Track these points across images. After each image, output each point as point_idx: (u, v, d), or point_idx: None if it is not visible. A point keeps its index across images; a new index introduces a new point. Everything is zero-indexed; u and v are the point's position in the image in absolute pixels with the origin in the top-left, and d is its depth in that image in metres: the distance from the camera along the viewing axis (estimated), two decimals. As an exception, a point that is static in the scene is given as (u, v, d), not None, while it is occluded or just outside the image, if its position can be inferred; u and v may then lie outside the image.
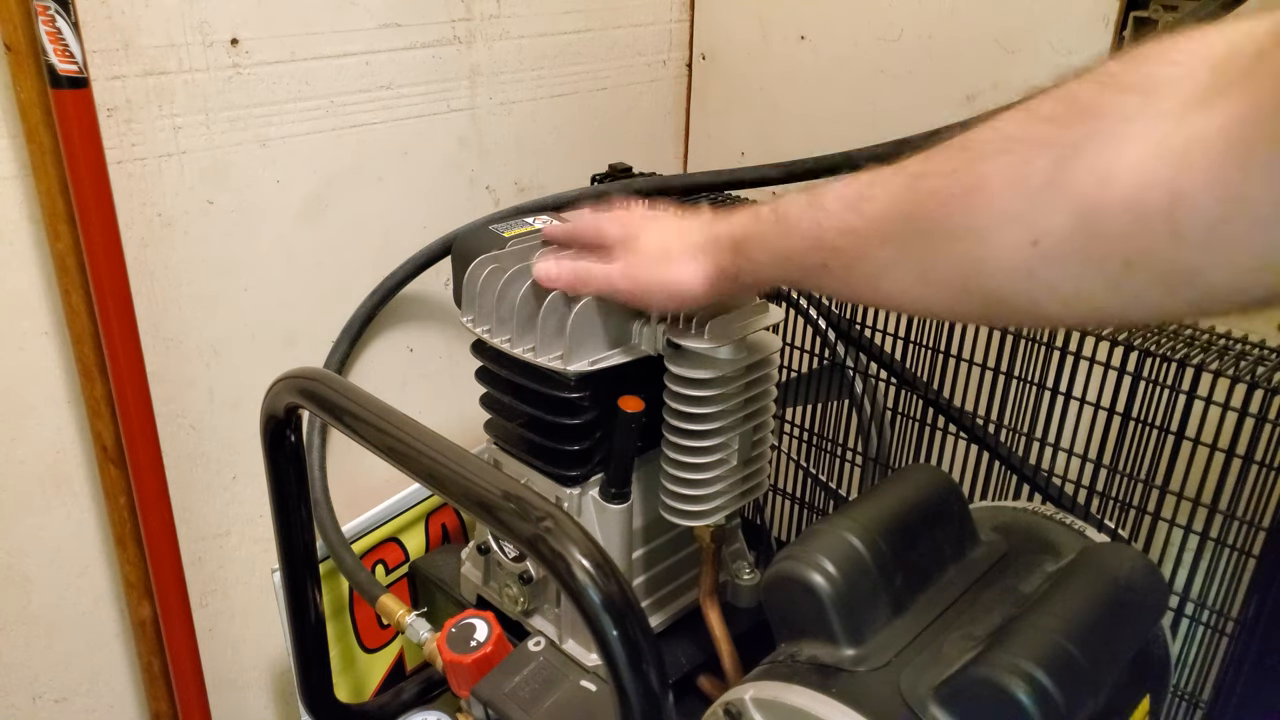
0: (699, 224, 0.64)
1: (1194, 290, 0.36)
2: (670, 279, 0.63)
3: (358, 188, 1.02)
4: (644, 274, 0.65)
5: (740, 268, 0.60)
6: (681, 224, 0.66)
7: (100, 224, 0.80)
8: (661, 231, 0.66)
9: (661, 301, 0.66)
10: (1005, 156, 0.41)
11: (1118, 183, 0.36)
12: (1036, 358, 0.78)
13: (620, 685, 0.50)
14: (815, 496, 0.98)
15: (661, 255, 0.64)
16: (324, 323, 1.04)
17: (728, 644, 0.79)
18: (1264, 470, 0.69)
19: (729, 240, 0.60)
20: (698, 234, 0.63)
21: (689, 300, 0.64)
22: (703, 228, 0.63)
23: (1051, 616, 0.56)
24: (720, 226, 0.61)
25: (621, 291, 0.67)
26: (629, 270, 0.66)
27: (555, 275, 0.69)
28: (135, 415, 0.87)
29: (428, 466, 0.59)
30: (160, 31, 0.84)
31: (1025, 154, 0.40)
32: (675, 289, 0.63)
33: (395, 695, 0.97)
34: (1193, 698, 0.76)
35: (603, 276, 0.67)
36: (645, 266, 0.65)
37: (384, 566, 1.08)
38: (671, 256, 0.63)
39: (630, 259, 0.66)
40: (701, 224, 0.64)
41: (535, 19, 1.12)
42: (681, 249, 0.63)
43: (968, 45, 1.01)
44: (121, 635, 0.98)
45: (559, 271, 0.69)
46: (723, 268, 0.61)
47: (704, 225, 0.63)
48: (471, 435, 0.85)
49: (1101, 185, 0.37)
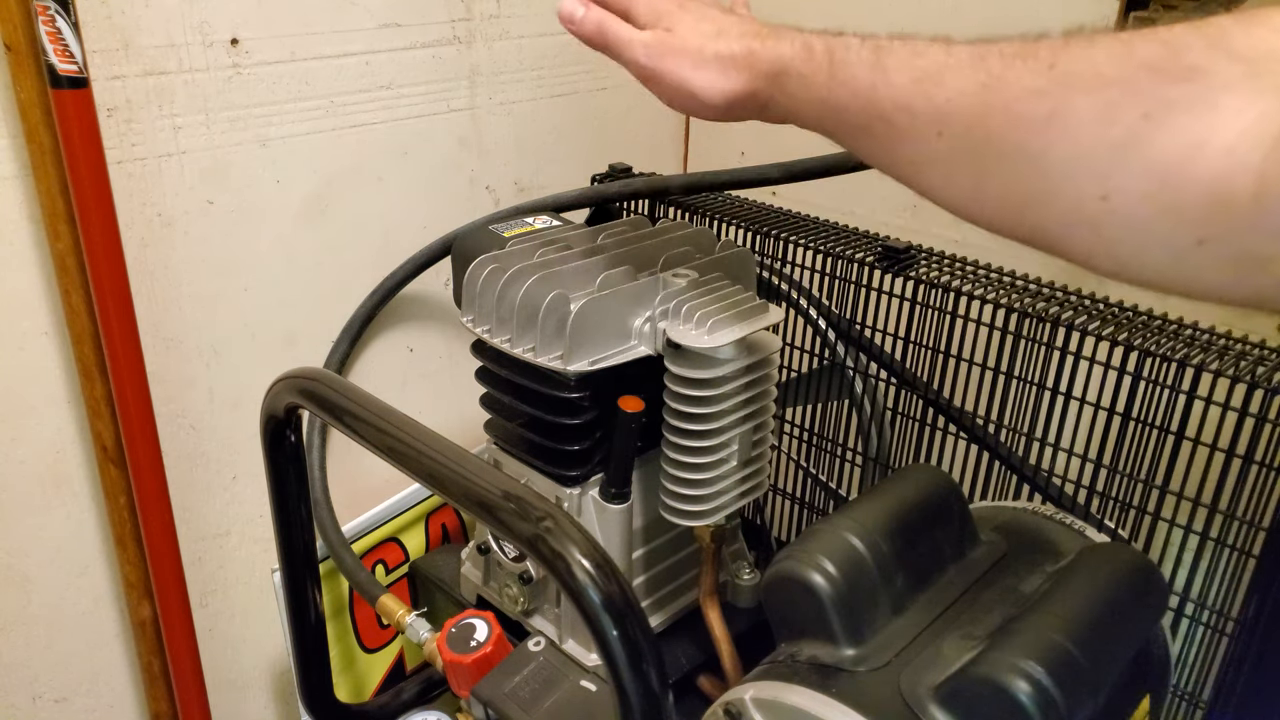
0: (745, 30, 0.57)
1: (1265, 279, 0.35)
2: (690, 81, 0.57)
3: (358, 188, 1.02)
4: (666, 62, 0.57)
5: (772, 98, 0.55)
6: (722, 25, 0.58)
7: (100, 224, 0.80)
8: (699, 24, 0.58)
9: (674, 98, 0.59)
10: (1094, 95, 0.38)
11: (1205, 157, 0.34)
12: (1036, 358, 0.78)
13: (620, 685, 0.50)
14: (815, 496, 0.98)
15: (694, 49, 0.57)
16: (324, 323, 1.04)
17: (728, 644, 0.79)
18: (1264, 470, 0.69)
19: (770, 65, 0.54)
20: (739, 41, 0.56)
21: (702, 111, 0.58)
22: (746, 36, 0.56)
23: (1051, 616, 0.56)
24: (765, 45, 0.55)
25: (638, 67, 0.59)
26: (653, 49, 0.58)
27: (579, 20, 0.61)
28: (135, 415, 0.87)
29: (428, 466, 0.59)
30: (160, 31, 0.84)
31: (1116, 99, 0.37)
32: (692, 93, 0.57)
33: (395, 695, 0.97)
34: (1193, 698, 0.76)
35: (625, 42, 0.59)
36: (671, 53, 0.57)
37: (384, 566, 1.08)
38: (704, 56, 0.56)
39: (662, 36, 0.58)
40: (747, 31, 0.56)
41: (535, 19, 1.12)
42: (715, 53, 0.56)
43: (968, 45, 1.01)
44: (121, 635, 0.98)
45: (583, 17, 0.61)
46: (753, 91, 0.55)
47: (749, 34, 0.56)
48: (471, 435, 0.85)
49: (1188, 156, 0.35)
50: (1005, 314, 0.77)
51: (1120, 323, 0.74)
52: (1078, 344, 0.75)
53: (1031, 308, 0.76)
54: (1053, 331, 0.76)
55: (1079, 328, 0.74)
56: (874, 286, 0.85)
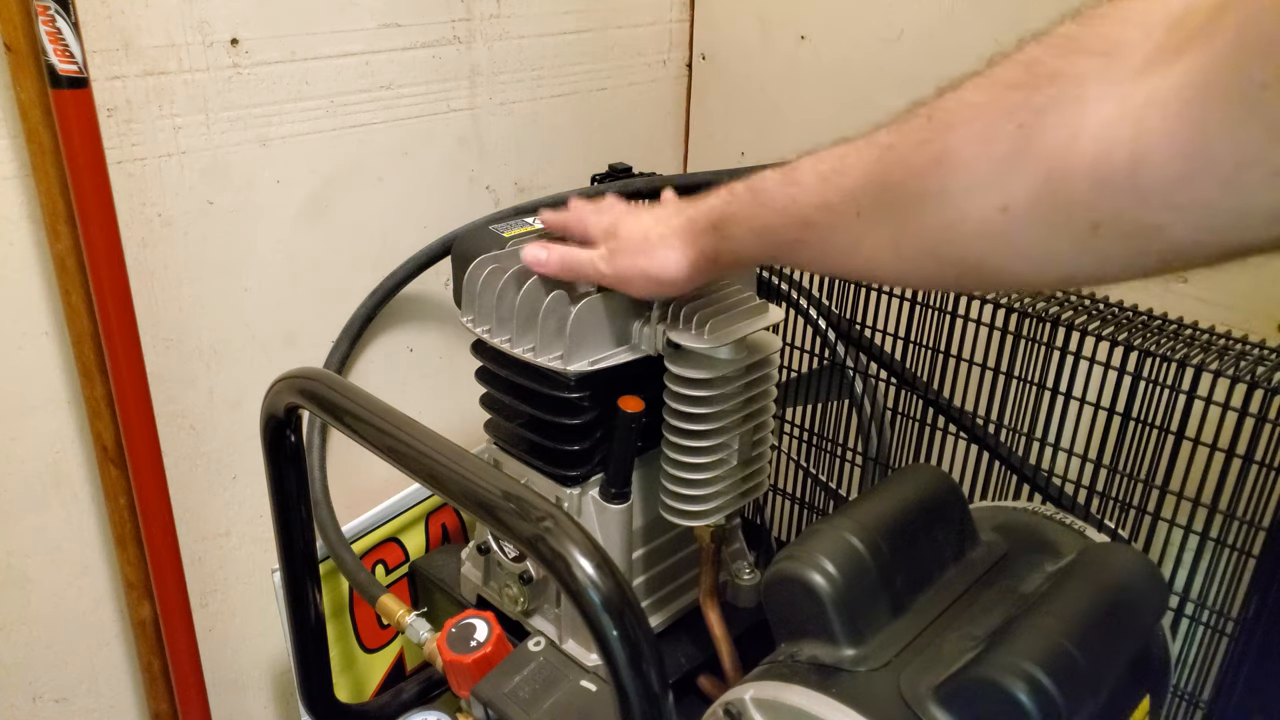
0: (673, 209, 0.64)
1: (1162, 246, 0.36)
2: (650, 267, 0.64)
3: (358, 188, 1.02)
4: (624, 261, 0.65)
5: (719, 248, 0.60)
6: (657, 212, 0.66)
7: (100, 224, 0.80)
8: (639, 219, 0.66)
9: (643, 288, 0.66)
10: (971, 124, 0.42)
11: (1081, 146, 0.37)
12: (1036, 358, 0.78)
13: (620, 685, 0.50)
14: (815, 496, 0.98)
15: (641, 242, 0.64)
16: (324, 323, 1.04)
17: (728, 644, 0.79)
18: (1264, 470, 0.69)
19: (705, 221, 0.60)
20: (674, 219, 0.63)
21: (671, 287, 0.65)
22: (678, 213, 0.63)
23: (1051, 616, 0.56)
24: (696, 209, 0.62)
25: (604, 278, 0.67)
26: (611, 258, 0.66)
27: (544, 260, 0.70)
28: (135, 415, 0.87)
29: (428, 466, 0.59)
30: (160, 31, 0.84)
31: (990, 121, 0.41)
32: (655, 276, 0.64)
33: (395, 695, 0.97)
34: (1193, 698, 0.76)
35: (587, 262, 0.68)
36: (626, 254, 0.65)
37: (384, 566, 1.08)
38: (650, 243, 0.64)
39: (613, 245, 0.67)
40: (676, 209, 0.64)
41: (535, 19, 1.12)
42: (659, 236, 0.63)
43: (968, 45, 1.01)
44: (121, 635, 0.98)
45: (547, 256, 0.70)
46: (701, 250, 0.61)
47: (679, 210, 0.64)
48: (471, 435, 0.85)
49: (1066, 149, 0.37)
50: (1005, 314, 0.77)
51: (1120, 323, 0.74)
52: (1078, 344, 0.75)
53: (1031, 307, 0.76)
54: (1053, 331, 0.76)
55: (1079, 328, 0.74)
56: (874, 286, 0.85)
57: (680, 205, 0.64)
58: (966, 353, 0.82)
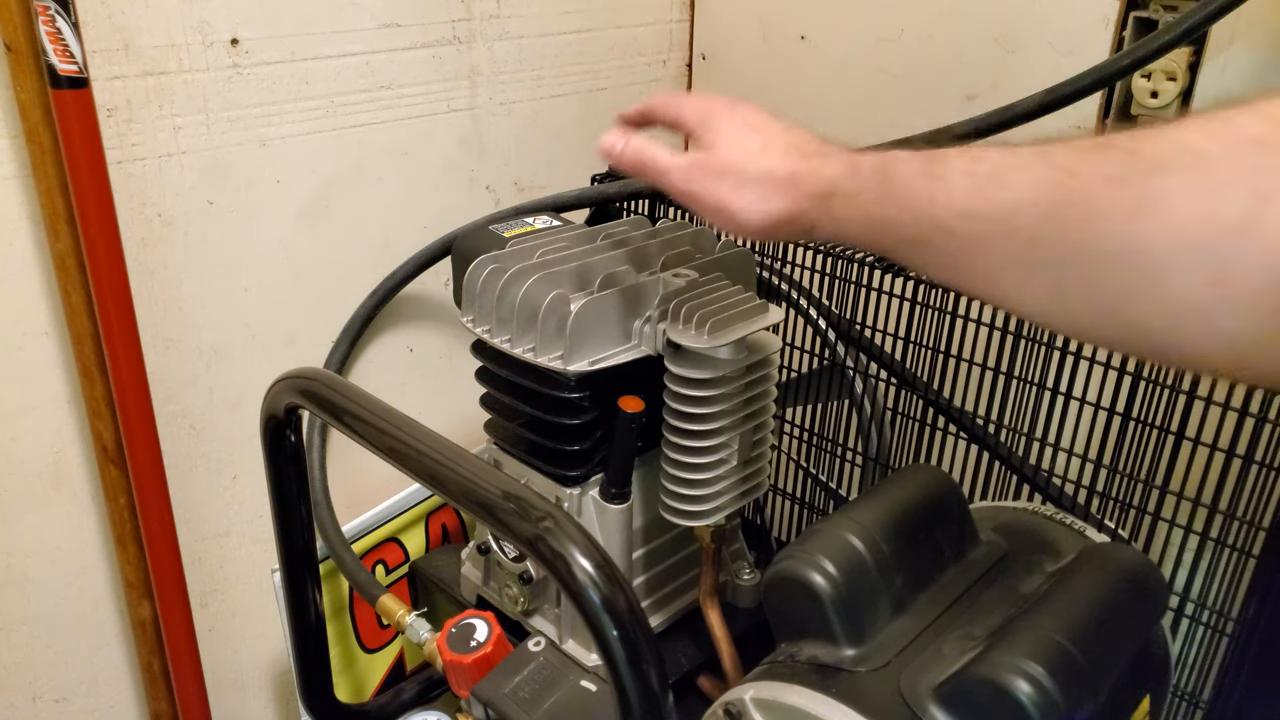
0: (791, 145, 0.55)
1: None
2: (733, 203, 0.55)
3: (358, 188, 1.02)
4: (705, 186, 0.57)
5: (818, 222, 0.52)
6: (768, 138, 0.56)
7: (100, 224, 0.80)
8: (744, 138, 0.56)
9: (713, 217, 0.58)
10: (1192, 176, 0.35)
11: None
12: (1036, 358, 0.78)
13: (620, 685, 0.50)
14: (815, 496, 0.98)
15: (735, 170, 0.55)
16: (324, 323, 1.04)
17: (728, 644, 0.79)
18: (1264, 470, 0.69)
19: (815, 187, 0.52)
20: (783, 159, 0.54)
21: (743, 231, 0.57)
22: (789, 156, 0.54)
23: (1051, 616, 0.56)
24: (810, 165, 0.53)
25: (675, 192, 0.59)
26: (692, 173, 0.57)
27: (619, 152, 0.62)
28: (135, 415, 0.87)
29: (428, 466, 0.59)
30: (160, 31, 0.84)
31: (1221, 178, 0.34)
32: (732, 216, 0.56)
33: (395, 695, 0.97)
34: (1193, 698, 0.76)
35: (662, 170, 0.59)
36: (710, 176, 0.56)
37: (384, 566, 1.08)
38: (745, 176, 0.55)
39: (699, 159, 0.57)
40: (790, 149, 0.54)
41: (535, 19, 1.12)
42: (758, 172, 0.54)
43: (968, 45, 1.01)
44: (121, 635, 0.98)
45: (623, 148, 0.62)
46: (797, 214, 0.53)
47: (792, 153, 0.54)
48: (471, 435, 0.85)
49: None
50: (1005, 313, 0.77)
51: (1120, 323, 0.74)
52: (1078, 344, 0.75)
53: (1031, 308, 0.76)
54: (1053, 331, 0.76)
55: (1079, 328, 0.74)
56: (874, 286, 0.85)
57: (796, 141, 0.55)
58: (966, 353, 0.82)
